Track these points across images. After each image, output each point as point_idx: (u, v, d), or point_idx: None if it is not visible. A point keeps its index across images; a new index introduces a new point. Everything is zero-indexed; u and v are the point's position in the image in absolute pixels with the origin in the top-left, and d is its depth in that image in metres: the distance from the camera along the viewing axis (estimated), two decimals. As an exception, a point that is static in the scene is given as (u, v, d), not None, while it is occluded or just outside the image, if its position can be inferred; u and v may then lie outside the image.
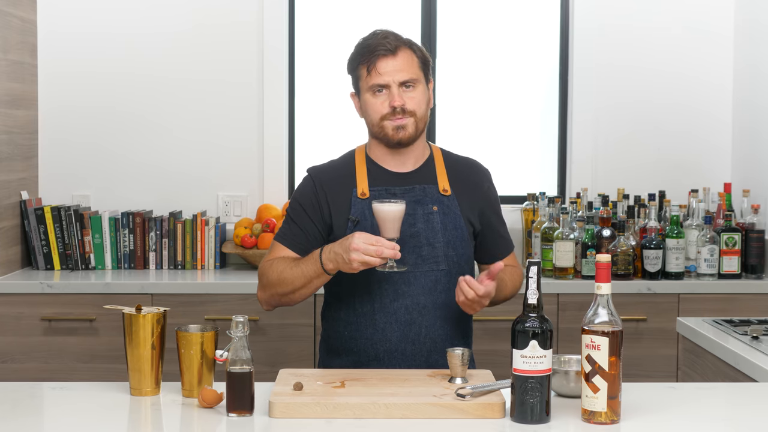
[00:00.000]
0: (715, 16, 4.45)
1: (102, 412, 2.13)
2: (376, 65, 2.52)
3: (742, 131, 4.39)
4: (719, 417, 2.19)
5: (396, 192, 2.58)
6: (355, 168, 2.61)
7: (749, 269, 4.02)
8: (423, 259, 2.55)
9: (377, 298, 2.53)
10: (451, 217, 2.58)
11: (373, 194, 2.57)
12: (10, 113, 4.06)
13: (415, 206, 2.56)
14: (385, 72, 2.52)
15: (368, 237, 2.35)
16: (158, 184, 4.41)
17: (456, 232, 2.58)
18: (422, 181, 2.60)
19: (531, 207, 4.28)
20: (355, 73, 2.60)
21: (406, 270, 2.49)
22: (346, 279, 2.55)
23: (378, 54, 2.52)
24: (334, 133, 4.56)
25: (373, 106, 2.55)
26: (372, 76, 2.53)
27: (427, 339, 2.53)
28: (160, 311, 2.26)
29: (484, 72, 4.56)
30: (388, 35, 2.56)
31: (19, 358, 3.84)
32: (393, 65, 2.52)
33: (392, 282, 2.53)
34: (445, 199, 2.59)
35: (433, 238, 2.56)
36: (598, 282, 2.03)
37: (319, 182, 2.61)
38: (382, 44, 2.53)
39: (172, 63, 4.40)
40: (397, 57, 2.53)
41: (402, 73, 2.52)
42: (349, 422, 2.04)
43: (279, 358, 3.81)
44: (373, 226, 2.52)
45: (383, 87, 2.53)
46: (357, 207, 2.56)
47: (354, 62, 2.60)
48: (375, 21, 4.53)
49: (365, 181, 2.58)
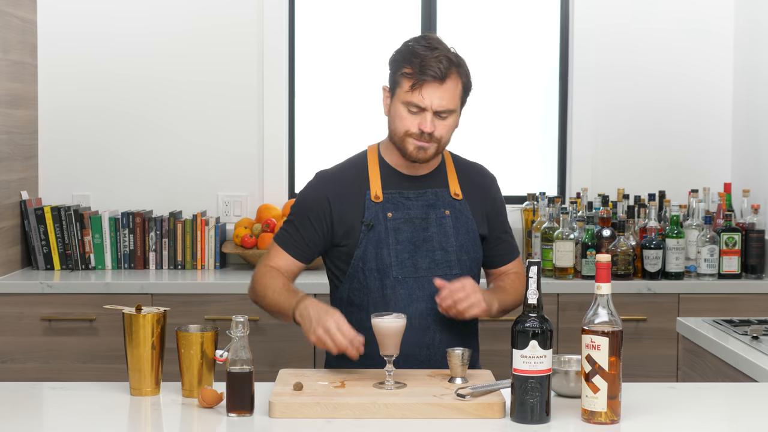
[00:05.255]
0: (715, 16, 4.45)
1: (102, 412, 2.13)
2: (422, 88, 2.43)
3: (742, 131, 4.39)
4: (719, 417, 2.19)
5: (409, 196, 2.55)
6: (368, 170, 2.58)
7: (749, 269, 4.02)
8: (436, 264, 2.54)
9: (392, 303, 2.51)
10: (463, 221, 2.57)
11: (386, 197, 2.54)
12: (10, 113, 4.06)
13: (427, 210, 2.55)
14: (428, 98, 2.44)
15: (345, 328, 2.31)
16: (158, 184, 4.41)
17: (468, 236, 2.57)
18: (435, 185, 2.59)
19: (531, 207, 4.28)
20: (395, 77, 2.49)
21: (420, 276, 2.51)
22: (358, 283, 2.54)
23: (427, 78, 2.42)
24: (334, 133, 4.56)
25: (403, 121, 2.47)
26: (413, 94, 2.44)
27: (441, 344, 2.51)
28: (160, 311, 2.26)
29: (484, 72, 4.56)
30: (441, 57, 2.43)
31: (19, 358, 3.84)
32: (437, 93, 2.43)
33: (407, 287, 2.52)
34: (456, 203, 2.58)
35: (446, 243, 2.55)
36: (598, 282, 2.03)
37: (326, 191, 2.56)
38: (436, 66, 2.42)
39: (172, 63, 4.40)
40: (443, 85, 2.44)
41: (442, 102, 2.44)
42: (349, 422, 2.05)
43: (279, 358, 3.81)
44: (387, 230, 2.52)
45: (420, 109, 2.45)
46: (371, 210, 2.53)
47: (398, 67, 2.48)
48: (375, 21, 4.54)
49: (378, 184, 2.55)
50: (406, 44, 2.51)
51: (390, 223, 2.53)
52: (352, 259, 2.54)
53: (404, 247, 2.53)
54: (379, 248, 2.52)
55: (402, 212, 2.54)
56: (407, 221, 2.54)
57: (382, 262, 2.52)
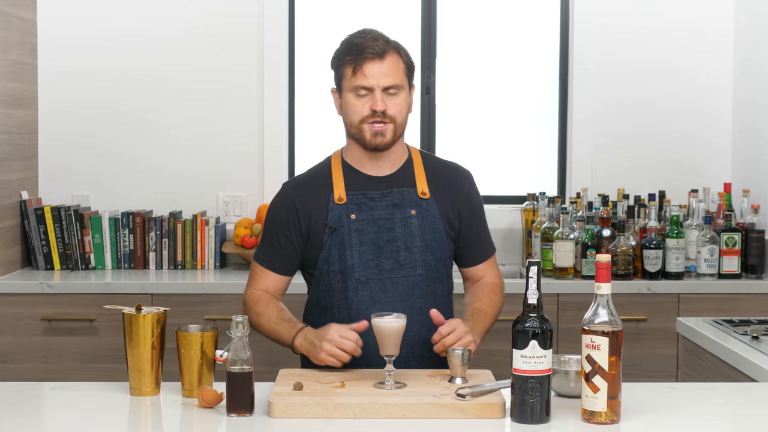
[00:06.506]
0: (715, 17, 4.45)
1: (102, 412, 2.13)
2: (363, 67, 2.49)
3: (742, 131, 4.39)
4: (719, 417, 2.19)
5: (373, 196, 2.56)
6: (332, 174, 2.60)
7: (749, 269, 4.02)
8: (400, 265, 2.54)
9: (354, 305, 2.53)
10: (430, 221, 2.57)
11: (350, 198, 2.56)
12: (10, 113, 4.06)
13: (392, 210, 2.56)
14: (371, 75, 2.49)
15: (346, 332, 2.35)
16: (158, 184, 4.41)
17: (434, 236, 2.57)
18: (400, 184, 2.59)
19: (531, 207, 4.28)
20: (339, 71, 2.56)
21: (382, 277, 2.51)
22: (324, 285, 2.56)
23: (366, 56, 2.49)
24: (334, 133, 4.55)
25: (354, 108, 2.52)
26: (357, 77, 2.50)
27: (404, 345, 2.45)
28: (160, 311, 2.26)
29: (484, 72, 4.56)
30: (377, 37, 2.52)
31: (19, 358, 3.84)
32: (380, 69, 2.49)
33: (369, 288, 2.53)
34: (423, 202, 2.58)
35: (411, 243, 2.55)
36: (598, 282, 2.03)
37: (290, 197, 2.60)
38: (371, 46, 2.50)
39: (172, 63, 4.40)
40: (384, 61, 2.50)
41: (387, 78, 2.49)
42: (349, 422, 2.05)
43: (279, 358, 3.80)
44: (350, 231, 2.52)
45: (367, 90, 2.50)
46: (334, 213, 2.55)
47: (339, 59, 2.55)
48: (375, 21, 4.52)
49: (342, 186, 2.57)
50: (342, 41, 2.57)
51: (353, 224, 2.54)
52: (318, 262, 2.57)
53: (367, 248, 2.54)
54: (342, 250, 2.54)
55: (366, 213, 2.55)
56: (371, 222, 2.55)
57: (344, 264, 2.53)
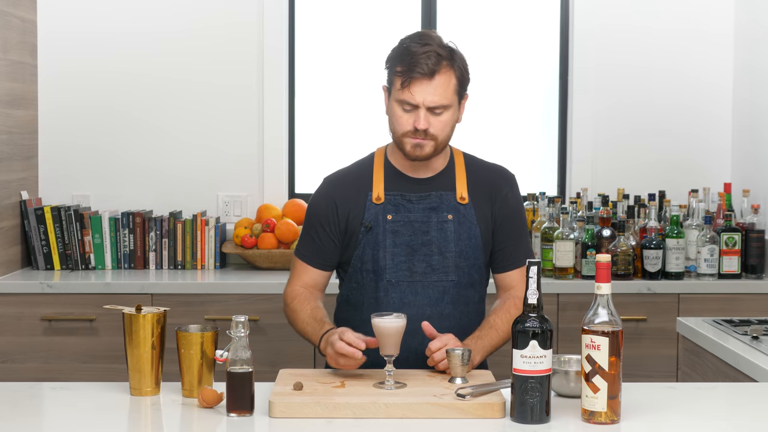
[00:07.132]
0: (715, 16, 4.45)
1: (102, 412, 2.13)
2: (411, 85, 2.43)
3: (742, 131, 4.39)
4: (719, 417, 2.19)
5: (411, 198, 2.55)
6: (373, 172, 2.59)
7: (749, 269, 4.02)
8: (433, 269, 2.54)
9: (383, 306, 2.53)
10: (466, 226, 2.55)
11: (388, 198, 2.55)
12: (10, 113, 4.06)
13: (429, 213, 2.55)
14: (417, 93, 2.43)
15: (346, 335, 2.32)
16: (158, 184, 4.41)
17: (470, 242, 2.55)
18: (440, 188, 2.57)
19: (531, 207, 4.28)
20: (390, 76, 2.51)
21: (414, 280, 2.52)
22: (355, 283, 2.57)
23: (415, 75, 2.42)
24: (334, 133, 4.56)
25: (398, 119, 2.48)
26: (404, 92, 2.45)
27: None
28: (160, 311, 2.26)
29: (484, 72, 4.56)
30: (430, 53, 2.43)
31: (19, 358, 3.84)
32: (427, 89, 2.43)
33: (399, 290, 2.53)
34: (461, 207, 2.56)
35: (445, 248, 2.54)
36: (598, 282, 2.03)
37: (331, 193, 2.59)
38: (423, 64, 2.42)
39: (172, 63, 4.40)
40: (433, 81, 2.43)
41: (434, 98, 2.44)
42: (349, 422, 2.05)
43: (279, 358, 3.81)
44: (385, 231, 2.52)
45: (412, 106, 2.46)
46: (371, 212, 2.55)
47: (392, 65, 2.50)
48: (375, 21, 4.54)
49: (381, 185, 2.56)
50: (400, 42, 2.51)
51: (389, 225, 2.53)
52: (352, 259, 2.57)
53: (401, 250, 2.53)
54: (375, 250, 2.54)
55: (402, 215, 2.54)
56: (406, 224, 2.54)
57: (377, 264, 2.54)
